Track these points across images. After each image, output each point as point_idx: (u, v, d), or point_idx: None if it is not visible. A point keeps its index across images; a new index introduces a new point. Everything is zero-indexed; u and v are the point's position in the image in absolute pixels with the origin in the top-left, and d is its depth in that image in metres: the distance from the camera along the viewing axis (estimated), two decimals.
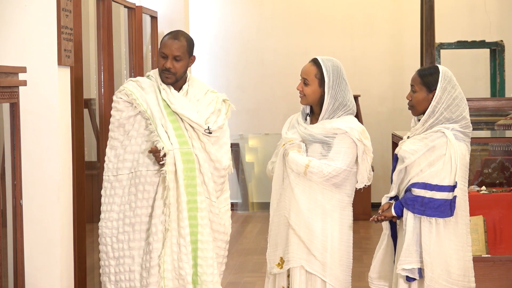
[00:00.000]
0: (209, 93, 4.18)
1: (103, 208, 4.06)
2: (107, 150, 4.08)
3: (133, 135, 4.03)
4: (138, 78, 4.13)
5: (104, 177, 4.07)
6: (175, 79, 4.04)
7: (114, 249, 4.04)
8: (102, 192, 4.08)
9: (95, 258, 4.98)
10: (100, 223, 4.08)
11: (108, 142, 4.09)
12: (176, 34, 4.06)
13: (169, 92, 4.03)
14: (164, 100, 4.02)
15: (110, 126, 4.08)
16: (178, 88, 4.09)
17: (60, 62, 4.15)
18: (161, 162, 3.93)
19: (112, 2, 5.53)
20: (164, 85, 4.04)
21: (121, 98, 4.02)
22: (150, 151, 3.94)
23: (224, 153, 4.12)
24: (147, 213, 3.99)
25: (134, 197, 4.00)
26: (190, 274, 3.92)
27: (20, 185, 3.74)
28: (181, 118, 4.01)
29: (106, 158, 4.08)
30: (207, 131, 4.03)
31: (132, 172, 4.01)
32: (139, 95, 4.01)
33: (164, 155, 3.91)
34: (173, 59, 4.00)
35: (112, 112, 4.06)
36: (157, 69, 4.11)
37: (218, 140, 4.12)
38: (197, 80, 4.19)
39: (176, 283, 3.93)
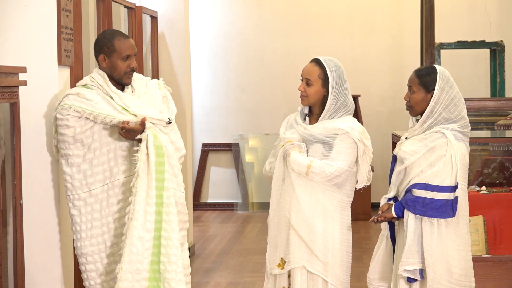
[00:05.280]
0: (148, 82, 4.13)
1: (80, 227, 3.93)
2: (66, 169, 3.92)
3: (96, 147, 3.93)
4: (78, 90, 3.95)
5: (71, 196, 3.93)
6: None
7: (105, 264, 3.95)
8: (75, 212, 3.93)
9: None
10: (78, 244, 3.95)
11: (64, 160, 3.94)
12: (124, 34, 4.03)
13: (122, 96, 3.94)
14: (119, 105, 3.92)
15: (62, 145, 3.91)
16: (122, 87, 4.02)
17: (60, 62, 4.15)
18: (137, 137, 3.84)
19: (112, 2, 5.53)
20: (114, 90, 3.94)
21: (69, 115, 3.86)
22: (122, 127, 3.83)
23: (180, 138, 4.11)
24: None
25: (116, 207, 3.94)
26: (147, 270, 3.82)
27: (20, 185, 3.75)
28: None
29: (67, 177, 3.93)
30: (168, 122, 3.99)
31: (106, 184, 3.92)
32: (90, 108, 3.88)
33: (141, 132, 3.84)
34: (134, 58, 3.99)
35: (61, 130, 3.89)
36: (93, 76, 3.98)
37: (172, 126, 4.09)
38: (134, 73, 4.10)
39: (130, 277, 3.80)
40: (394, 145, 5.74)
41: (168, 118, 3.99)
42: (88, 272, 3.95)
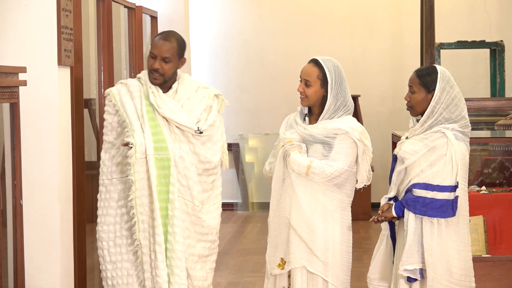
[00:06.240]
0: (200, 90, 4.09)
1: (99, 212, 4.03)
2: (102, 153, 4.04)
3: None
4: (128, 80, 4.06)
5: (99, 181, 4.03)
6: (163, 80, 3.97)
7: (111, 253, 3.99)
8: (98, 196, 4.04)
9: (95, 258, 4.98)
10: (97, 227, 4.04)
11: (102, 145, 4.06)
12: (167, 35, 4.00)
13: (157, 95, 3.96)
14: (151, 104, 3.94)
15: (104, 130, 4.04)
16: (168, 88, 4.02)
17: (60, 62, 4.15)
18: (128, 159, 3.90)
19: (112, 2, 5.54)
20: (153, 88, 3.96)
21: (110, 101, 3.99)
22: (123, 144, 3.92)
23: (217, 151, 4.05)
24: None
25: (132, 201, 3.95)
26: (166, 281, 3.87)
27: (20, 185, 3.74)
28: (168, 122, 3.95)
29: (101, 162, 4.04)
30: (198, 131, 3.98)
31: (126, 176, 3.94)
32: (121, 103, 3.96)
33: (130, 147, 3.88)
34: (162, 60, 3.94)
35: (105, 115, 4.03)
36: (145, 71, 4.06)
37: (211, 137, 4.04)
38: (187, 78, 4.11)
39: None
40: (394, 145, 5.75)
41: (198, 128, 3.97)
42: (99, 256, 4.04)
